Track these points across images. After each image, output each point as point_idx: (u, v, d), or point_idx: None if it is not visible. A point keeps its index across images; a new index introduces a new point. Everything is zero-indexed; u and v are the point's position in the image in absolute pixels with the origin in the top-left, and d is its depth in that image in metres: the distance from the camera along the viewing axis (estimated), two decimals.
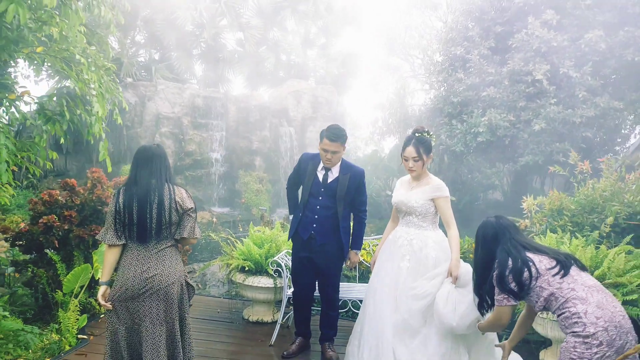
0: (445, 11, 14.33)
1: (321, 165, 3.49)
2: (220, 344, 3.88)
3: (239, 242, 4.41)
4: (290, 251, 3.89)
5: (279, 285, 4.17)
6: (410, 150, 2.97)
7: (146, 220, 2.47)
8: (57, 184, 7.22)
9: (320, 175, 3.49)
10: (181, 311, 2.63)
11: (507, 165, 9.08)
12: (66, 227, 4.66)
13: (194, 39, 16.84)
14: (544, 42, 7.94)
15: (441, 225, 3.05)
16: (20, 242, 4.89)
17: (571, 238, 3.54)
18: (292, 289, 3.79)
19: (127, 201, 2.48)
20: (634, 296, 2.93)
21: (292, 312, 4.04)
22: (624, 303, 2.89)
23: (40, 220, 4.63)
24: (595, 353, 1.92)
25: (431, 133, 3.04)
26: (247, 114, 14.07)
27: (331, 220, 3.47)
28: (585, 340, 1.95)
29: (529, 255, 2.20)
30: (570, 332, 2.02)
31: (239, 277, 4.24)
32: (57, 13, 3.28)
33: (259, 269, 4.23)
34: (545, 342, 3.60)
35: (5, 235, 4.99)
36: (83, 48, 3.57)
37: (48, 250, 4.60)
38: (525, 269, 2.15)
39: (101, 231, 2.57)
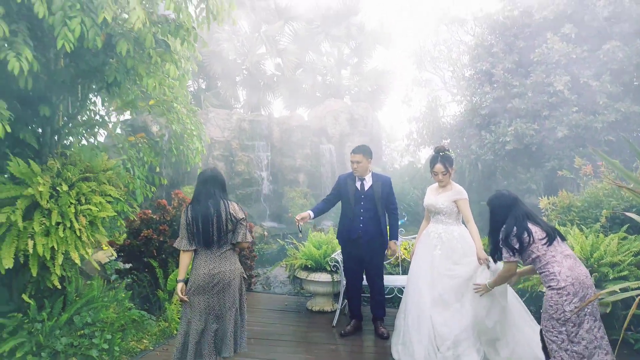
0: (473, 25, 15.02)
1: (357, 178, 4.40)
2: (291, 327, 4.82)
3: (301, 245, 5.37)
4: None
5: (335, 280, 5.07)
6: (439, 167, 3.86)
7: (209, 230, 3.20)
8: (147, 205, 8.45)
9: (358, 185, 4.43)
10: (240, 300, 3.39)
11: (535, 170, 9.63)
12: (161, 239, 5.75)
13: (236, 67, 18.27)
14: (563, 55, 8.57)
15: None
16: (122, 254, 6.03)
17: (577, 229, 4.27)
18: (345, 281, 4.70)
19: (194, 216, 3.20)
20: (625, 272, 3.65)
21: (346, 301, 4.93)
22: (617, 279, 3.61)
23: (141, 234, 5.75)
24: (565, 300, 2.78)
25: (449, 150, 3.93)
26: (290, 134, 15.19)
27: (373, 221, 4.38)
28: (559, 292, 2.80)
29: (529, 225, 3.00)
30: (547, 287, 2.84)
31: (302, 274, 5.18)
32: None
33: (318, 267, 5.15)
34: None
35: (112, 248, 6.15)
36: (176, 96, 4.67)
37: (149, 258, 5.69)
38: (526, 235, 2.96)
39: (177, 240, 3.35)
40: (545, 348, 2.95)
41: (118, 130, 11.89)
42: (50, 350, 3.70)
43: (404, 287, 4.45)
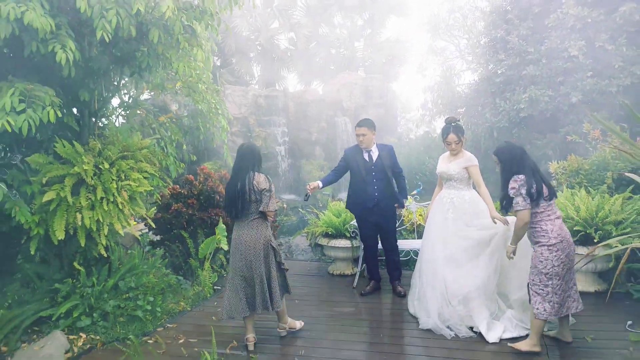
0: None
1: (363, 150, 4.68)
2: (315, 288, 5.21)
3: (322, 213, 5.70)
4: None
5: (355, 245, 5.41)
6: (452, 137, 4.09)
7: (235, 201, 3.58)
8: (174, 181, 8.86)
9: (366, 156, 4.71)
10: (268, 267, 3.66)
11: (551, 136, 9.69)
12: (190, 212, 6.15)
13: (250, 43, 18.37)
14: (579, 19, 8.50)
15: None
16: (154, 227, 6.46)
17: (583, 191, 4.49)
18: (363, 246, 5.04)
19: (227, 188, 3.69)
20: (628, 229, 3.89)
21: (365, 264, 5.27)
22: (620, 235, 3.85)
23: (171, 208, 6.15)
24: (555, 256, 3.12)
25: (460, 119, 4.15)
26: (305, 108, 15.39)
27: (387, 188, 4.68)
28: (550, 248, 3.14)
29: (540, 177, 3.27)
30: (537, 243, 3.19)
31: (323, 241, 5.53)
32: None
33: (338, 234, 5.49)
34: None
35: (147, 221, 6.59)
36: (200, 76, 4.95)
37: (179, 230, 6.10)
38: (543, 186, 3.22)
39: None
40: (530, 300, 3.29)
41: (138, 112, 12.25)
42: (100, 311, 4.15)
43: (418, 250, 4.76)
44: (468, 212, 4.00)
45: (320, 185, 4.67)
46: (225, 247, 5.34)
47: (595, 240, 3.96)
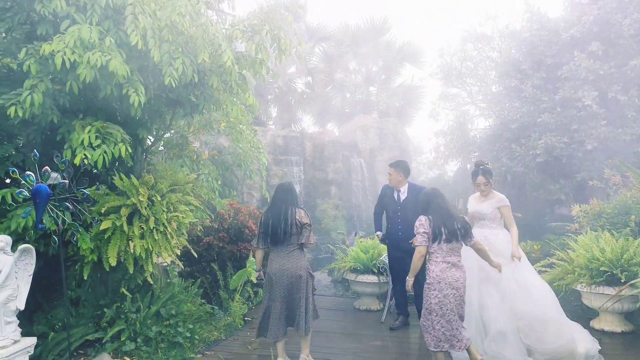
0: (499, 42, 15.44)
1: (394, 189, 5.07)
2: (340, 323, 5.36)
3: (351, 249, 5.92)
4: None
5: (382, 281, 5.58)
6: (481, 179, 4.39)
7: (278, 231, 3.86)
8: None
9: (395, 195, 5.08)
10: (306, 291, 3.99)
11: (564, 181, 9.93)
12: (220, 245, 6.39)
13: (268, 86, 19.13)
14: (591, 72, 8.94)
15: None
16: (184, 259, 6.68)
17: (607, 233, 4.69)
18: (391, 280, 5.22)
19: (266, 219, 3.96)
20: None
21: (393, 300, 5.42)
22: None
23: (202, 241, 6.40)
24: (432, 293, 3.62)
25: (488, 163, 4.44)
26: (322, 149, 15.83)
27: (410, 226, 4.90)
28: (428, 286, 3.67)
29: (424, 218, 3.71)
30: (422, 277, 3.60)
31: (351, 276, 5.72)
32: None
33: (366, 269, 5.68)
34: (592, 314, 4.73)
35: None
36: (246, 120, 5.34)
37: (209, 262, 6.32)
38: (443, 230, 3.62)
39: (254, 240, 4.09)
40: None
41: (205, 151, 12.80)
42: (143, 336, 4.33)
43: None
44: (506, 249, 4.21)
45: (380, 235, 5.27)
46: (255, 280, 5.55)
47: (622, 281, 4.12)
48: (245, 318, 5.48)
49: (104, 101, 3.85)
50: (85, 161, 3.40)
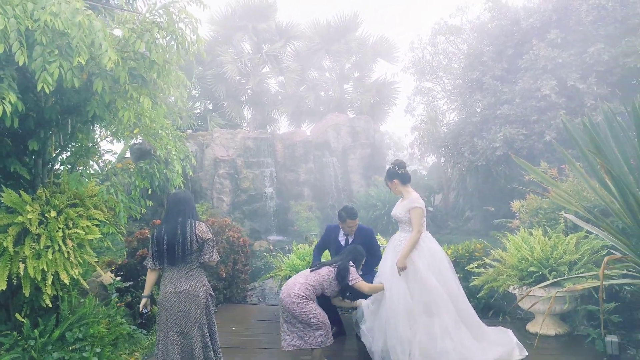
0: (469, 34, 15.19)
1: (342, 233, 4.76)
2: (274, 335, 4.99)
3: (286, 257, 5.61)
4: None
5: None
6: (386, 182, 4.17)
7: (174, 248, 3.36)
8: (137, 227, 8.84)
9: (342, 240, 4.77)
10: (208, 316, 3.54)
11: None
12: None
13: (241, 88, 18.78)
14: (549, 60, 8.70)
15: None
16: (122, 273, 6.34)
17: (540, 231, 4.42)
18: None
19: (160, 235, 3.39)
20: (582, 270, 3.78)
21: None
22: (575, 277, 3.74)
23: (137, 254, 6.07)
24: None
25: (394, 165, 4.11)
26: (293, 150, 15.52)
27: None
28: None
29: None
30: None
31: None
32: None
33: None
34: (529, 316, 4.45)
35: (110, 268, 6.49)
36: (162, 124, 5.00)
37: (144, 276, 5.98)
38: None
39: (147, 259, 3.55)
40: None
41: (127, 154, 12.26)
42: None
43: None
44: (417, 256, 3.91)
45: None
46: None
47: (549, 282, 3.84)
48: None
49: None
50: None
